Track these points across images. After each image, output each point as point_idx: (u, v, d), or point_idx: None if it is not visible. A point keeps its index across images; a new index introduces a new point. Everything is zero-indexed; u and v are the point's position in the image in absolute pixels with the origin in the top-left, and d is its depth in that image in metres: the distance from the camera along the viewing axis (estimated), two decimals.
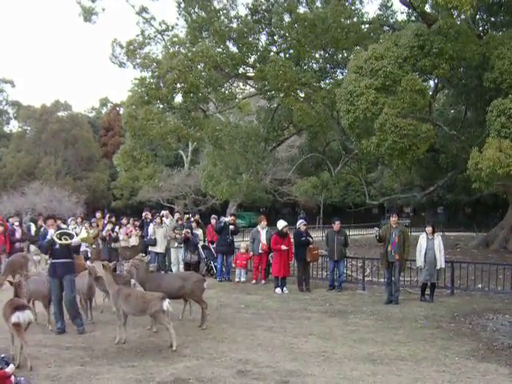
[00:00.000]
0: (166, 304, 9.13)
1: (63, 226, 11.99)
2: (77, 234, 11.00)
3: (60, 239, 10.32)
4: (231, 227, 17.84)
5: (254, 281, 17.07)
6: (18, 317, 8.19)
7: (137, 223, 19.05)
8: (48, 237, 10.38)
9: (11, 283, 9.53)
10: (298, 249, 15.94)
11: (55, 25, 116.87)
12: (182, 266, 17.61)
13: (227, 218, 18.66)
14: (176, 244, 17.62)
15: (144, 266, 11.43)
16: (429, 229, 14.34)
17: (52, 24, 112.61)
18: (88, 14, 22.11)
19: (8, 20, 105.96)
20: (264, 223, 17.43)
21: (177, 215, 19.97)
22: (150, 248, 18.12)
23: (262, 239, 17.05)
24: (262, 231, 17.23)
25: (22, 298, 9.40)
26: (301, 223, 16.36)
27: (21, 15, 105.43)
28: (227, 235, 17.61)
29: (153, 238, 17.89)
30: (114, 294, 9.70)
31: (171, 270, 17.85)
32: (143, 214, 20.04)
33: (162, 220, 18.37)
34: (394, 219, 14.16)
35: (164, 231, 17.91)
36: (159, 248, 17.91)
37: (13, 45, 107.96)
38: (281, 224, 16.01)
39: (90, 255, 17.75)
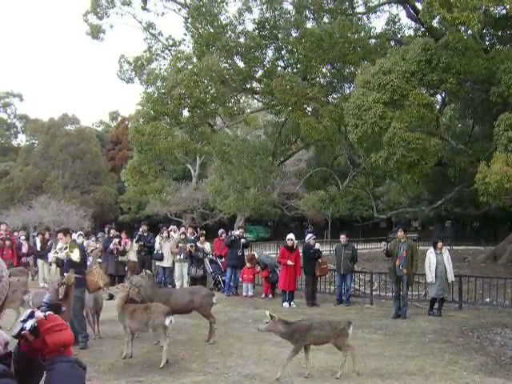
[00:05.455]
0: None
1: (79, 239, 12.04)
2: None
3: (57, 253, 10.46)
4: (242, 241, 17.86)
5: (263, 295, 17.11)
6: None
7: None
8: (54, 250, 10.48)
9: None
10: (307, 263, 15.94)
11: (65, 38, 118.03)
12: (185, 281, 17.61)
13: (237, 232, 18.67)
14: (178, 257, 17.60)
15: (150, 282, 11.37)
16: (440, 243, 14.36)
17: (62, 37, 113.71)
18: (95, 32, 22.28)
19: (17, 34, 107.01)
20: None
21: (182, 229, 19.94)
22: (158, 263, 18.15)
23: None
24: None
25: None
26: (310, 237, 16.38)
27: (30, 30, 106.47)
28: (238, 249, 17.62)
29: (160, 252, 17.91)
30: None
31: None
32: (140, 229, 19.96)
33: (169, 234, 18.38)
34: (401, 234, 14.18)
35: (171, 245, 17.93)
36: (166, 262, 17.92)
37: (22, 58, 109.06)
38: (287, 237, 16.06)
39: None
